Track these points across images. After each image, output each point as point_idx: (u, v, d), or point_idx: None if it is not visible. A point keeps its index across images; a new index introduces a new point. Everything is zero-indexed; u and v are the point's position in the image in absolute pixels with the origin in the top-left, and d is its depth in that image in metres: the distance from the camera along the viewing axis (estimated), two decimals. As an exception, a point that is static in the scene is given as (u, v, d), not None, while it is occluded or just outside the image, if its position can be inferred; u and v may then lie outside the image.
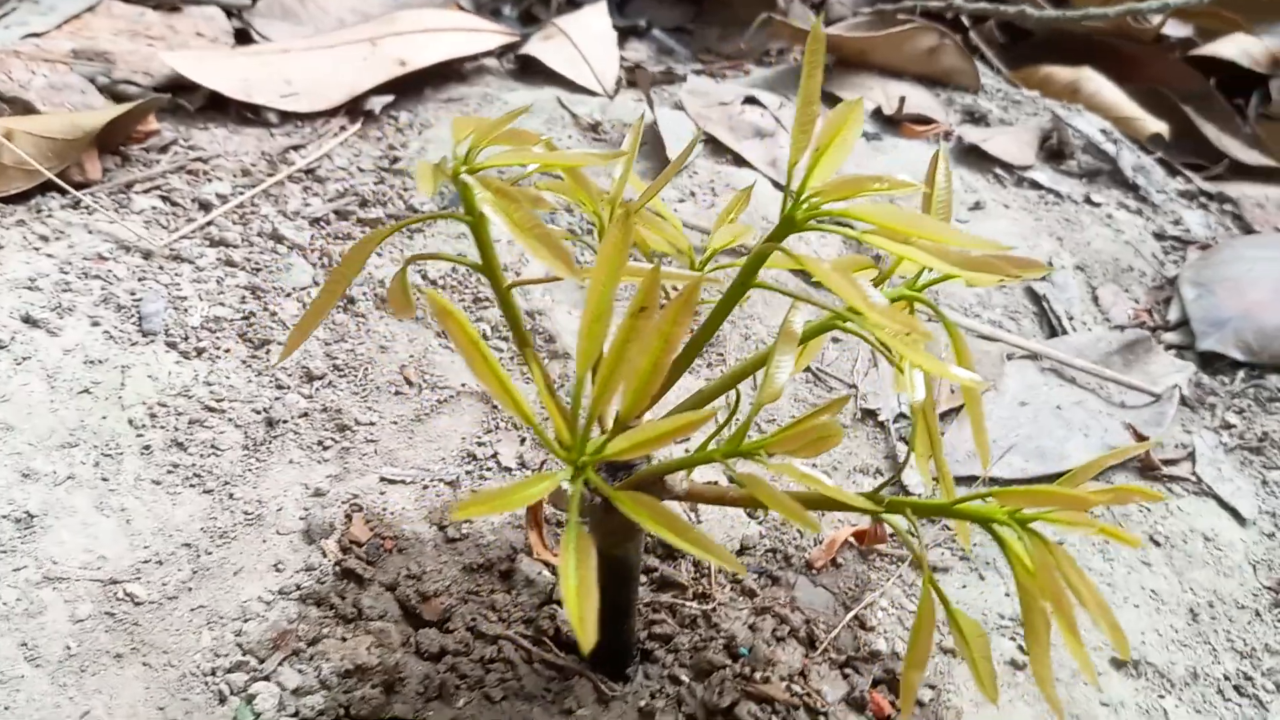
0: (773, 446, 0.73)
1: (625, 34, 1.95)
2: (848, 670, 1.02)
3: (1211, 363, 1.41)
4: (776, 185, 1.48)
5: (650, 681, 0.99)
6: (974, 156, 1.63)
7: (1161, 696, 1.00)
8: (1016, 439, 1.21)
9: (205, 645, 0.93)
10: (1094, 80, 2.08)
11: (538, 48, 1.77)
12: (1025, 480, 1.19)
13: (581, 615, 0.60)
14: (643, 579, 1.09)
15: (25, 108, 1.54)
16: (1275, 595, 1.12)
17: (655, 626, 1.04)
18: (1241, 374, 1.40)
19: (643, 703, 0.96)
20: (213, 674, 0.91)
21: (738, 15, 1.94)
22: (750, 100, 1.59)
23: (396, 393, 1.18)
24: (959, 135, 1.68)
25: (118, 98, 1.63)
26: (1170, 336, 1.44)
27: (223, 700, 0.90)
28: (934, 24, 1.78)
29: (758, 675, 1.00)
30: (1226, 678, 1.02)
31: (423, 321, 1.26)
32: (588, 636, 0.59)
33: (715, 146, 1.55)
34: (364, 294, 1.27)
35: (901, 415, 1.24)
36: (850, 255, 1.42)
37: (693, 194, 1.45)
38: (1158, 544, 1.15)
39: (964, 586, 1.09)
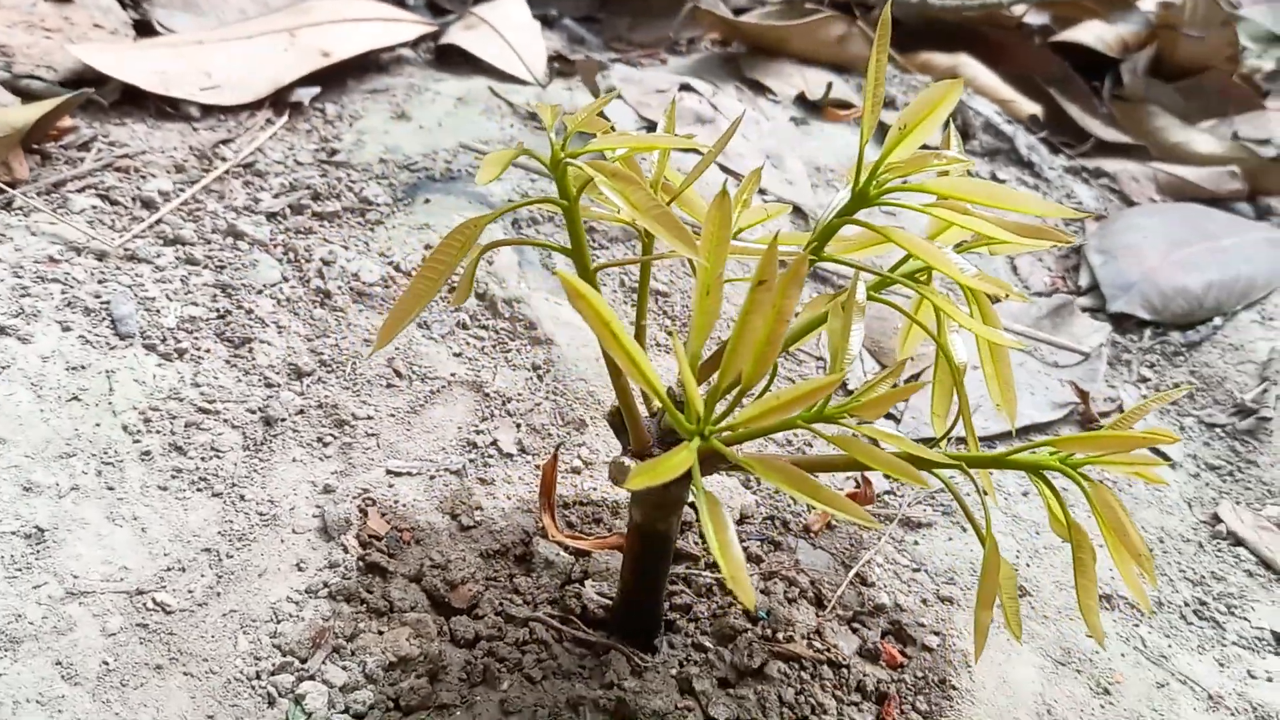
0: (856, 411, 0.78)
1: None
2: (856, 625, 1.08)
3: (1122, 323, 1.54)
4: (724, 169, 1.53)
5: (676, 650, 1.03)
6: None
7: (1136, 625, 1.10)
8: (976, 401, 1.30)
9: (244, 649, 0.92)
10: (971, 66, 2.21)
11: (461, 37, 1.77)
12: (986, 438, 1.28)
13: (734, 574, 0.63)
14: (654, 553, 1.13)
15: (-75, 105, 1.45)
16: (1211, 528, 1.24)
17: (674, 597, 1.07)
18: (1148, 332, 1.53)
19: (674, 670, 1.00)
20: (257, 677, 0.90)
21: (648, 4, 1.98)
22: (685, 87, 1.63)
23: (388, 385, 1.18)
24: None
25: (21, 93, 1.54)
26: (1083, 300, 1.57)
27: (272, 703, 0.89)
28: (839, 13, 1.87)
29: (780, 635, 1.05)
30: (1186, 604, 1.14)
31: (401, 314, 1.25)
32: (746, 594, 0.62)
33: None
34: (339, 288, 1.26)
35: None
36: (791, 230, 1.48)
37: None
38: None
39: (950, 539, 1.17)
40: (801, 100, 1.74)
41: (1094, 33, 2.39)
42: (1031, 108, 2.11)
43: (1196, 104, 2.35)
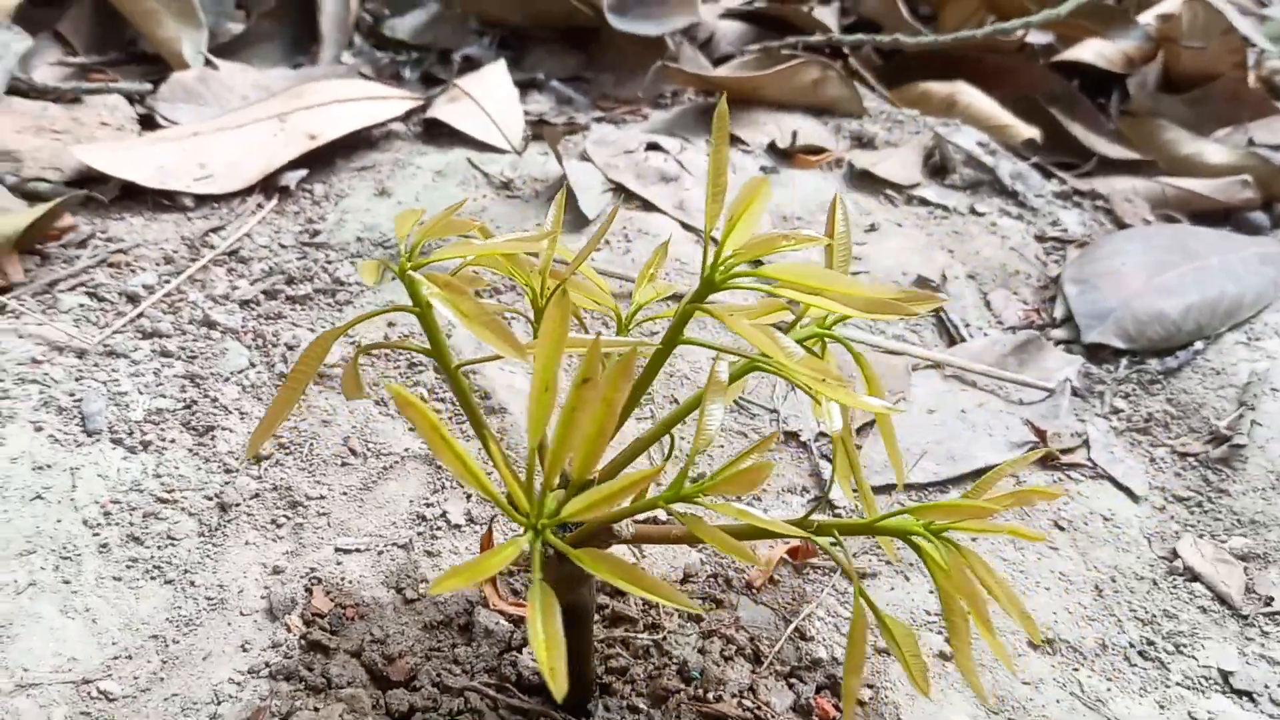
0: (711, 489, 0.80)
1: (524, 87, 2.02)
2: (793, 680, 1.10)
3: (1097, 353, 1.52)
4: (686, 227, 1.56)
5: (611, 713, 1.05)
6: (866, 180, 1.73)
7: (1075, 670, 1.09)
8: (928, 445, 1.30)
9: (183, 731, 0.97)
10: (968, 93, 2.20)
11: (443, 110, 1.83)
12: (939, 483, 1.28)
13: (553, 666, 0.66)
14: (596, 616, 1.16)
15: (-66, 216, 1.56)
16: (1169, 564, 1.22)
17: (610, 660, 1.10)
18: (1125, 361, 1.51)
19: (605, 734, 1.02)
20: (194, 758, 0.95)
21: (628, 60, 2.02)
22: (653, 146, 1.67)
23: (343, 464, 1.23)
24: (850, 161, 1.79)
25: (29, 196, 1.65)
26: (1058, 333, 1.55)
27: (206, 781, 0.94)
28: (817, 56, 1.88)
29: (710, 695, 1.07)
30: (1132, 645, 1.12)
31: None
32: (559, 686, 0.65)
33: (626, 193, 1.63)
34: (299, 371, 1.32)
35: (822, 434, 1.32)
36: (766, 300, 1.50)
37: (608, 242, 1.53)
38: (1062, 529, 1.25)
39: (892, 589, 1.18)
40: (773, 148, 1.77)
41: (1095, 50, 2.36)
42: (1030, 131, 2.09)
43: (1208, 113, 2.31)
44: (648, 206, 1.60)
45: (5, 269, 1.46)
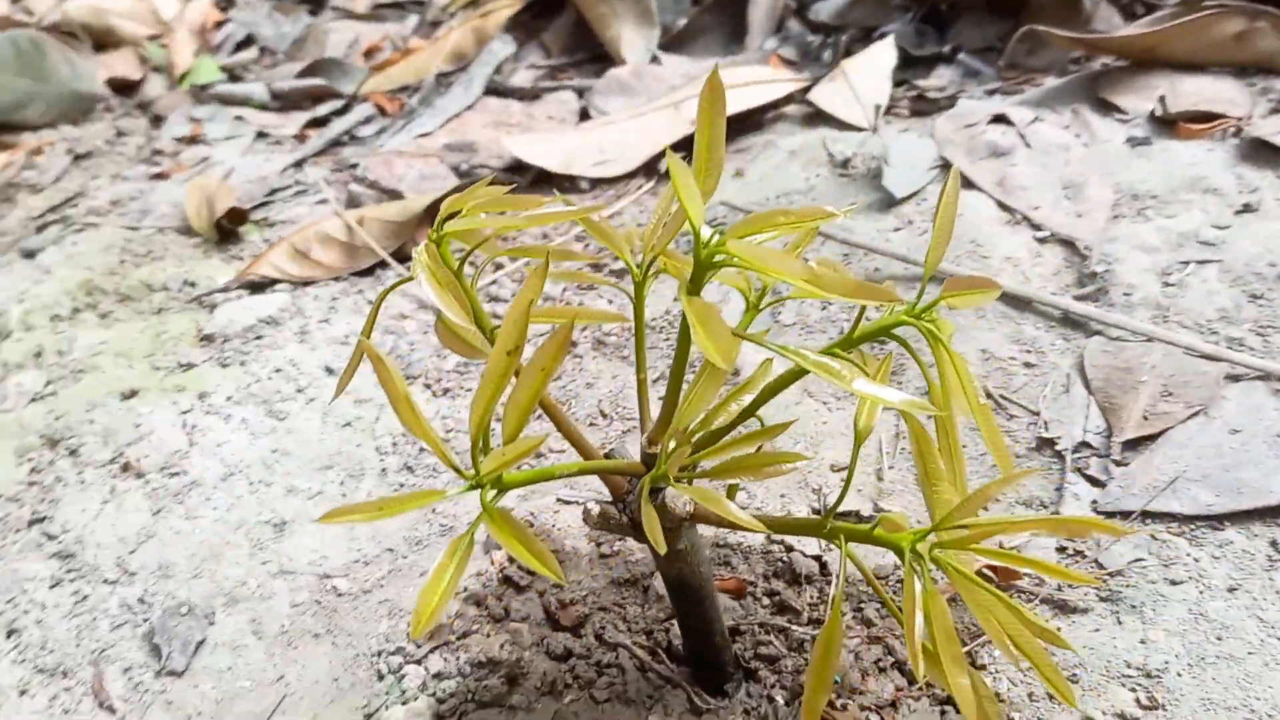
0: (687, 473, 0.79)
1: (932, 62, 1.94)
2: (946, 708, 1.00)
3: None
4: (1001, 206, 1.41)
5: (750, 700, 1.05)
6: (1263, 151, 1.41)
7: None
8: (1211, 470, 1.07)
9: (382, 631, 1.15)
10: None
11: (819, 90, 1.83)
12: (1209, 517, 1.05)
13: (432, 609, 0.71)
14: (765, 601, 1.14)
15: (396, 197, 1.92)
16: None
17: (762, 647, 1.08)
18: None
19: (731, 718, 1.02)
20: (378, 655, 1.12)
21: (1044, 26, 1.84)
22: (998, 118, 1.53)
23: (590, 424, 1.34)
24: (1251, 129, 1.47)
25: (473, 179, 1.96)
26: None
27: (381, 677, 1.10)
28: (1246, 4, 1.56)
29: (839, 702, 1.01)
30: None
31: (627, 360, 1.40)
32: (421, 626, 0.70)
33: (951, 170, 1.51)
34: (585, 337, 1.44)
35: (1084, 444, 1.15)
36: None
37: (910, 222, 1.44)
38: (1365, 596, 0.97)
39: (1096, 630, 1.01)
40: (1154, 116, 1.51)
41: None
42: None
43: None
44: (968, 184, 1.47)
45: (417, 240, 1.76)
